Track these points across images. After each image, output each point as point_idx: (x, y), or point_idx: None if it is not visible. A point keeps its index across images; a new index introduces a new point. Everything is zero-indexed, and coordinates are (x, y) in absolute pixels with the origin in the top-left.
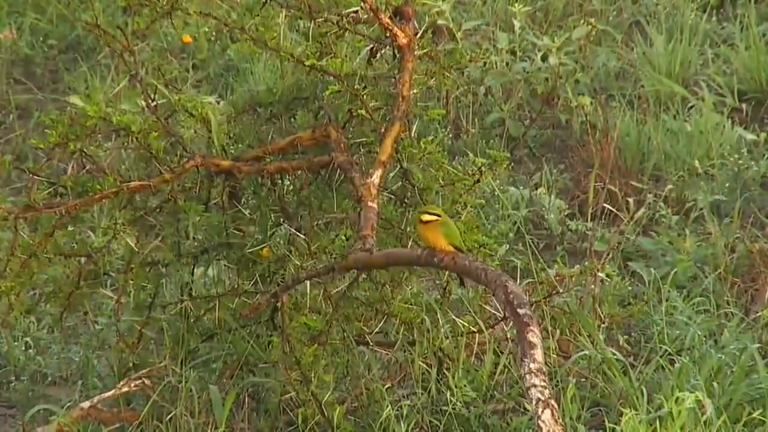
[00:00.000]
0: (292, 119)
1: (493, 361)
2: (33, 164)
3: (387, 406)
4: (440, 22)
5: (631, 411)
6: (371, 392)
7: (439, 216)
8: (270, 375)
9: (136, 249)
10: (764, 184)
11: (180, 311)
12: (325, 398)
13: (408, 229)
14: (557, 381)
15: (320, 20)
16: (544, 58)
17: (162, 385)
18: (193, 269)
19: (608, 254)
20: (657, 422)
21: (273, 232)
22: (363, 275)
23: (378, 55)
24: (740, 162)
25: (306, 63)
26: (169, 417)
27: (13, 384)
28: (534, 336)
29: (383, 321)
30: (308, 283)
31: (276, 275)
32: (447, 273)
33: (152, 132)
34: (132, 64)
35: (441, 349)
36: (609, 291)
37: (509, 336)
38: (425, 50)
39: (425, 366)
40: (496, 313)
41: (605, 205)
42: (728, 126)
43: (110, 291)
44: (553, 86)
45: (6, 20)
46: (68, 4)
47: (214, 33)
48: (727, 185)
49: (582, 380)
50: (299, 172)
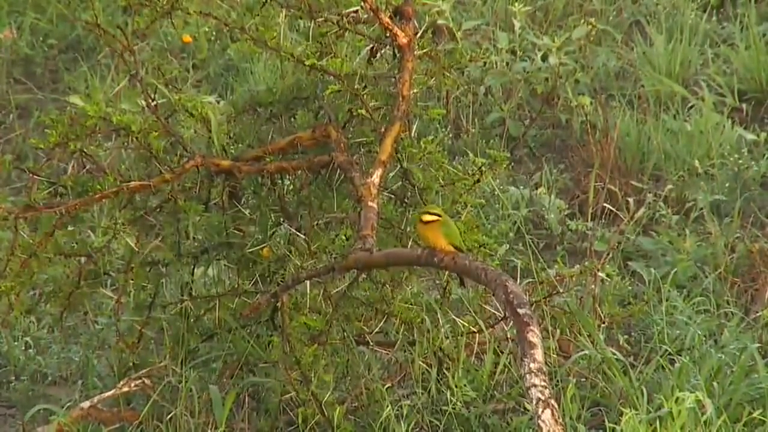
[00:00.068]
0: (292, 119)
1: (493, 361)
2: (33, 164)
3: (387, 406)
4: (440, 22)
5: (631, 411)
6: (371, 392)
7: (440, 216)
8: (270, 375)
9: (136, 249)
10: (764, 184)
11: (180, 311)
12: (325, 398)
13: (408, 229)
14: (557, 381)
15: (320, 20)
16: (544, 58)
17: (162, 385)
18: (193, 269)
19: (608, 254)
20: (657, 422)
21: (273, 232)
22: (363, 275)
23: (378, 55)
24: (740, 162)
25: (306, 63)
26: (169, 417)
27: (13, 384)
28: (534, 336)
29: (383, 321)
30: (308, 283)
31: (276, 275)
32: (447, 273)
33: (152, 132)
34: (132, 64)
35: (441, 349)
36: (609, 291)
37: (509, 336)
38: (425, 50)
39: (425, 366)
40: (496, 313)
41: (605, 205)
42: (728, 126)
43: (110, 291)
44: (553, 86)
45: (6, 20)
46: (68, 4)
47: (214, 33)
48: (727, 185)
49: (582, 380)
50: (299, 172)
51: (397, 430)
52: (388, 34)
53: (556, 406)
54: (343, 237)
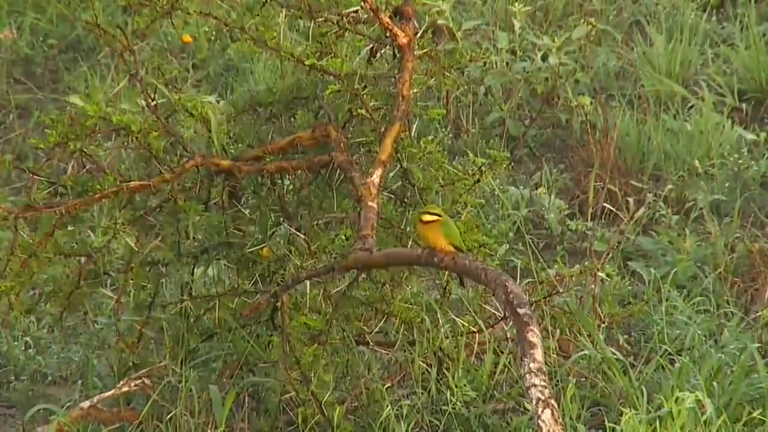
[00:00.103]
0: (292, 119)
1: (493, 361)
2: (33, 164)
3: (387, 406)
4: (440, 22)
5: (631, 411)
6: (371, 392)
7: (440, 216)
8: (270, 375)
9: (136, 249)
10: (764, 184)
11: (180, 311)
12: (325, 398)
13: (408, 229)
14: (557, 381)
15: (320, 20)
16: (544, 58)
17: (162, 385)
18: (193, 269)
19: (608, 254)
20: (657, 422)
21: (273, 232)
22: (363, 275)
23: (378, 55)
24: (740, 162)
25: (306, 63)
26: (169, 417)
27: (13, 384)
28: (534, 336)
29: (383, 321)
30: (308, 283)
31: (276, 275)
32: (447, 273)
33: (152, 132)
34: (132, 64)
35: (441, 349)
36: (609, 291)
37: (509, 336)
38: (425, 50)
39: (425, 366)
40: (496, 313)
41: (605, 205)
42: (728, 126)
43: (110, 291)
44: (553, 86)
45: (6, 20)
46: (68, 4)
47: (214, 33)
48: (727, 185)
49: (582, 380)
50: (299, 172)
51: (397, 430)
52: (388, 34)
53: (556, 406)
54: (343, 237)
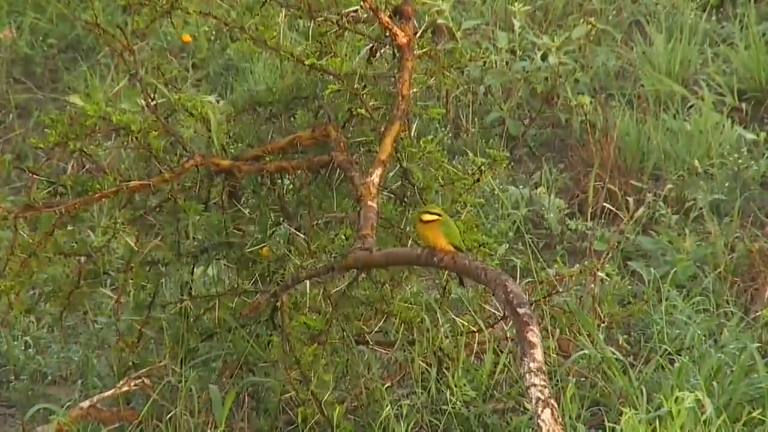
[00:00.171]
0: (292, 119)
1: (493, 361)
2: (33, 163)
3: (387, 406)
4: (440, 22)
5: (631, 410)
6: (371, 392)
7: (440, 216)
8: (270, 374)
9: (136, 248)
10: (764, 184)
11: (180, 311)
12: (325, 398)
13: (408, 229)
14: (557, 380)
15: (320, 19)
16: (544, 58)
17: (162, 385)
18: (193, 269)
19: (608, 254)
20: (657, 422)
21: (273, 232)
22: (363, 275)
23: (378, 55)
24: (740, 161)
25: (306, 62)
26: (169, 416)
27: (13, 383)
28: (534, 335)
29: (383, 320)
30: (308, 283)
31: (276, 275)
32: (447, 272)
33: (152, 131)
34: (132, 64)
35: (441, 349)
36: (609, 290)
37: (509, 335)
38: (425, 49)
39: (425, 365)
40: (496, 313)
41: (605, 205)
42: (728, 125)
43: (110, 290)
44: (553, 85)
45: (6, 20)
46: (68, 4)
47: (214, 32)
48: (727, 185)
49: (582, 379)
50: (299, 172)
51: (397, 430)
52: (388, 34)
53: (556, 406)
54: (343, 236)
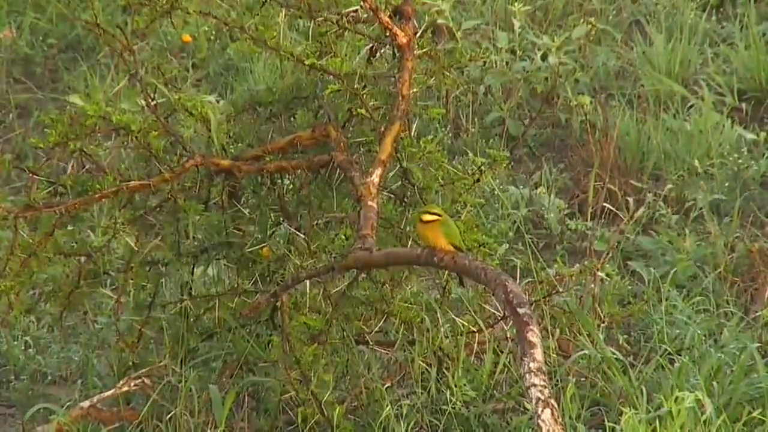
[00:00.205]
0: (292, 118)
1: (493, 361)
2: (33, 163)
3: (387, 406)
4: (440, 22)
5: (631, 410)
6: (371, 392)
7: (440, 216)
8: (270, 374)
9: (136, 248)
10: (764, 184)
11: (180, 310)
12: (325, 398)
13: (408, 229)
14: (557, 380)
15: (320, 19)
16: (544, 58)
17: (162, 385)
18: (193, 268)
19: (608, 253)
20: (657, 421)
21: (273, 232)
22: (363, 274)
23: (378, 55)
24: (740, 161)
25: (306, 62)
26: (169, 416)
27: (13, 383)
28: (534, 335)
29: (383, 320)
30: (308, 283)
31: (276, 275)
32: (446, 272)
33: (152, 131)
34: (132, 64)
35: (441, 349)
36: (609, 290)
37: (509, 335)
38: (425, 49)
39: (425, 365)
40: (496, 313)
41: (605, 205)
42: (728, 125)
43: (110, 290)
44: (553, 85)
45: (6, 19)
46: (68, 4)
47: (214, 32)
48: (727, 184)
49: (582, 379)
50: (299, 172)
51: (397, 430)
52: (388, 34)
53: (556, 406)
54: (343, 236)
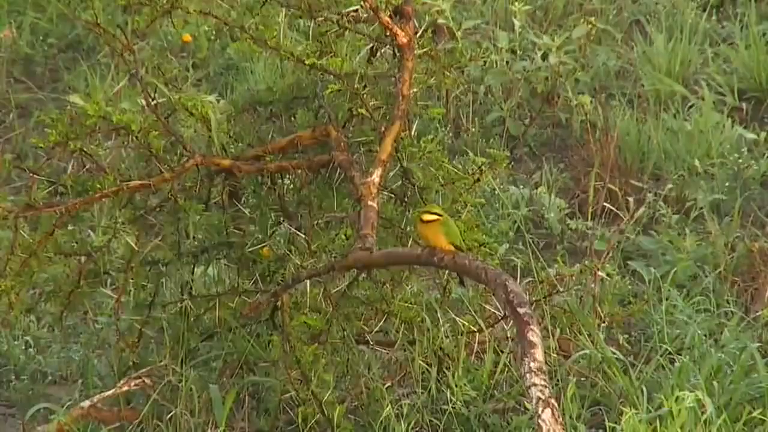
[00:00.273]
0: (292, 118)
1: (494, 360)
2: (33, 163)
3: (387, 405)
4: (440, 21)
5: (631, 410)
6: (371, 391)
7: (440, 215)
8: (270, 374)
9: (136, 248)
10: (764, 183)
11: (180, 310)
12: (325, 397)
13: (408, 229)
14: (557, 380)
15: (320, 19)
16: (544, 57)
17: (162, 384)
18: (193, 268)
19: (608, 253)
20: (657, 421)
21: (273, 232)
22: (363, 274)
23: (378, 54)
24: (740, 161)
25: (306, 62)
26: (170, 416)
27: (13, 383)
28: (534, 335)
29: (383, 320)
30: (308, 282)
31: (276, 274)
32: (447, 272)
33: (152, 131)
34: (132, 63)
35: (441, 349)
36: (609, 290)
37: (509, 335)
38: (425, 49)
39: (425, 365)
40: (496, 312)
41: (605, 204)
42: (728, 125)
43: (110, 290)
44: (553, 85)
45: (6, 19)
46: (68, 3)
47: (214, 32)
48: (727, 184)
49: (582, 379)
50: (299, 171)
51: (397, 430)
52: (388, 34)
53: (556, 406)
54: (343, 236)
